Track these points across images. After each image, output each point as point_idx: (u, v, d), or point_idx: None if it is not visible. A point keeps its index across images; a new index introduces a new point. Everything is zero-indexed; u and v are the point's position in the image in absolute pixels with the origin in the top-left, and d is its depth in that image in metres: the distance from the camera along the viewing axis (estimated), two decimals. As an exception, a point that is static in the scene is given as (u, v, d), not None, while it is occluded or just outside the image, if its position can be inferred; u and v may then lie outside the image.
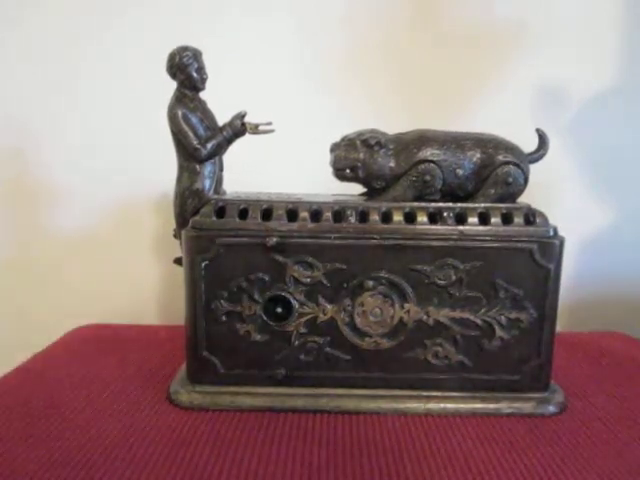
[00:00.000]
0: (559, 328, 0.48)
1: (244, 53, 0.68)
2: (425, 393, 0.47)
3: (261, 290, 0.46)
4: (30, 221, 0.73)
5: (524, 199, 0.48)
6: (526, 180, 0.48)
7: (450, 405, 0.47)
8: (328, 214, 0.46)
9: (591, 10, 0.69)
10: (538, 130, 0.50)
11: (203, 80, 0.48)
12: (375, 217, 0.46)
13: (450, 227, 0.45)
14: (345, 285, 0.46)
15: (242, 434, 0.43)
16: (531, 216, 0.46)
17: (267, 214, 0.46)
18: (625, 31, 0.70)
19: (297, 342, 0.47)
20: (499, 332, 0.46)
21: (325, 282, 0.46)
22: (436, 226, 0.46)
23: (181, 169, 0.49)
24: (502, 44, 0.69)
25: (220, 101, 0.49)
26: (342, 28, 0.69)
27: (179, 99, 0.47)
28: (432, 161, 0.46)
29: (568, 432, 0.43)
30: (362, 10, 0.69)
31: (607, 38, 0.70)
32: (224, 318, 0.46)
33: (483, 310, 0.46)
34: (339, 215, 0.46)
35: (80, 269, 0.74)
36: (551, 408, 0.47)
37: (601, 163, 0.73)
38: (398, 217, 0.46)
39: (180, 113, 0.47)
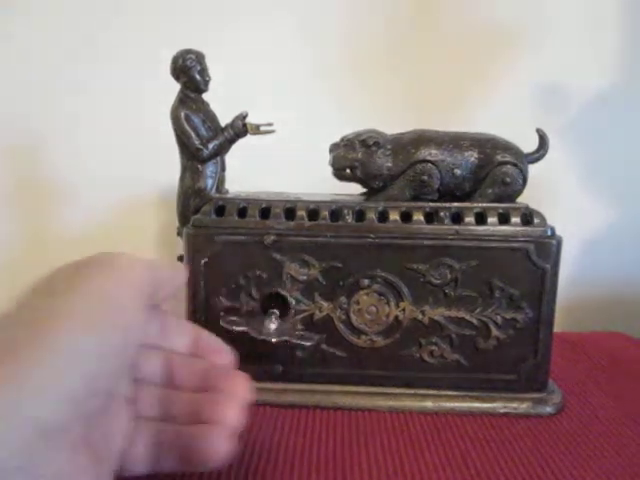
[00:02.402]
0: (558, 328, 0.47)
1: (245, 55, 0.69)
2: (421, 391, 0.47)
3: (259, 287, 0.47)
4: (32, 221, 0.73)
5: (523, 199, 0.48)
6: (525, 180, 0.47)
7: (446, 404, 0.47)
8: (325, 213, 0.46)
9: (591, 10, 0.68)
10: (538, 130, 0.49)
11: (206, 82, 0.49)
12: (372, 216, 0.46)
13: (446, 226, 0.46)
14: (341, 283, 0.46)
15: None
16: (528, 216, 0.46)
17: (265, 212, 0.47)
18: (625, 31, 0.69)
19: (294, 339, 0.47)
20: (495, 332, 0.46)
21: (321, 280, 0.46)
22: (432, 225, 0.46)
23: (184, 169, 0.50)
24: (502, 44, 0.69)
25: (222, 102, 0.50)
26: (343, 28, 0.69)
27: (182, 101, 0.49)
28: (430, 161, 0.47)
29: (566, 432, 0.43)
30: (363, 10, 0.69)
31: (607, 38, 0.69)
32: (223, 314, 0.47)
33: (479, 309, 0.46)
34: (336, 214, 0.46)
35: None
36: (548, 408, 0.46)
37: (601, 163, 0.72)
38: (394, 216, 0.46)
39: (183, 114, 0.48)
